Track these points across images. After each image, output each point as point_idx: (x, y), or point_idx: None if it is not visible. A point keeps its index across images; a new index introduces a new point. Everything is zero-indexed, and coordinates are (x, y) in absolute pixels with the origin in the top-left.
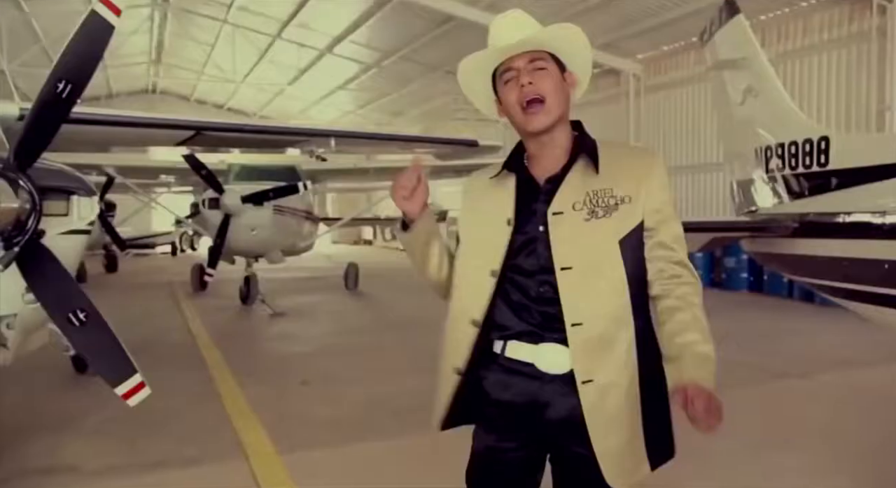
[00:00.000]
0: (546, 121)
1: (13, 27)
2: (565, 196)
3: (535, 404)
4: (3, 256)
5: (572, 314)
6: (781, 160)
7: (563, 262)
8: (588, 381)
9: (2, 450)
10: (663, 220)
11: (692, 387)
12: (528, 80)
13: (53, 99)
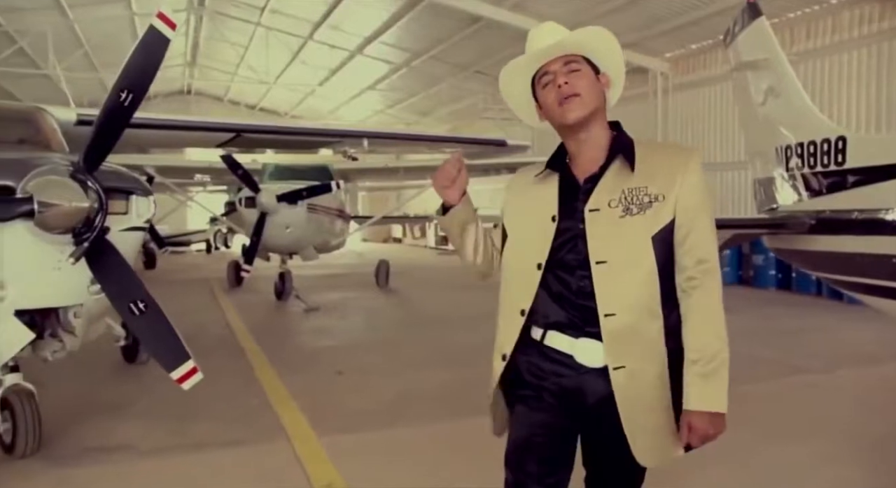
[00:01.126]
0: (581, 112)
1: (58, 33)
2: (602, 194)
3: (568, 392)
4: (75, 251)
5: (606, 305)
6: (801, 159)
7: (598, 257)
8: (619, 367)
9: (64, 430)
10: (694, 218)
11: (693, 420)
12: (565, 80)
13: (117, 107)
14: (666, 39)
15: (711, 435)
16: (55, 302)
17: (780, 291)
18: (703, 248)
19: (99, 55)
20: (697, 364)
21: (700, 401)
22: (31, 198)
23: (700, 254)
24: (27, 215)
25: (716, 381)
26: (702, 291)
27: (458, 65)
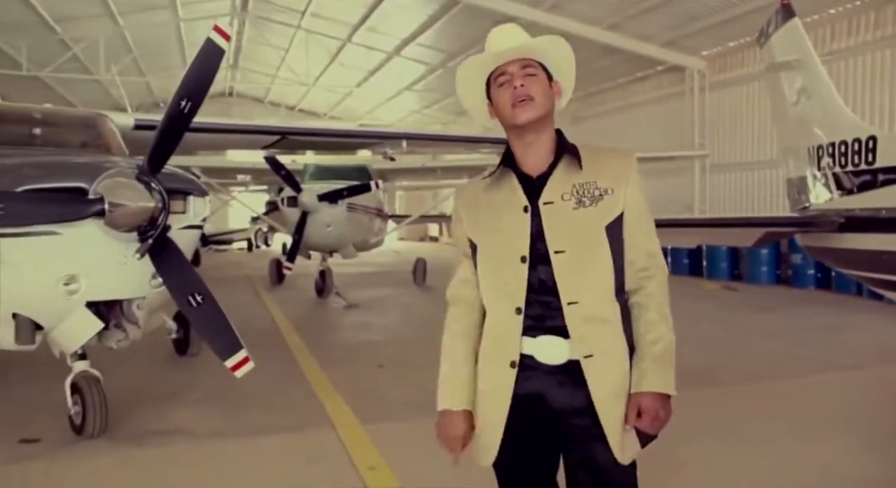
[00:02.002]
0: (533, 114)
1: (109, 40)
2: (554, 188)
3: (537, 393)
4: (140, 247)
5: (568, 294)
6: (832, 158)
7: (556, 247)
8: (589, 356)
9: (126, 414)
10: (638, 215)
11: (645, 401)
12: (521, 82)
13: (178, 114)
14: (702, 37)
15: (662, 419)
16: (121, 294)
17: (819, 290)
18: (651, 243)
19: (146, 60)
20: (652, 349)
21: (653, 384)
22: (102, 198)
23: (649, 248)
24: (98, 214)
25: (667, 365)
26: (654, 283)
27: None
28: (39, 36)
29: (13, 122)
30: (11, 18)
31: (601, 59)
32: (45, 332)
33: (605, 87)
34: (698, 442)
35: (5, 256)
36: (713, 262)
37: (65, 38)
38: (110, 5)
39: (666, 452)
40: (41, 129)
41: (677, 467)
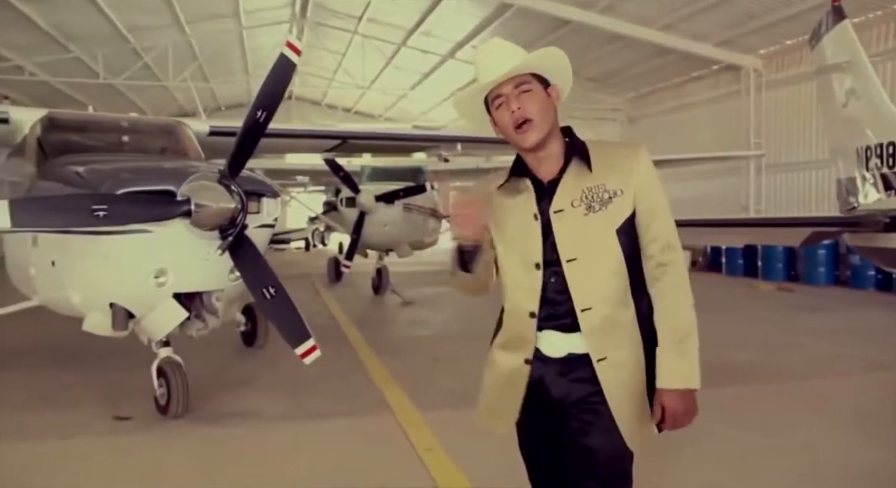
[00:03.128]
0: (536, 137)
1: (177, 48)
2: (564, 195)
3: (540, 384)
4: (221, 244)
5: (581, 300)
6: (880, 159)
7: (568, 254)
8: (602, 359)
9: (204, 398)
10: (653, 207)
11: (667, 400)
12: (517, 105)
13: (254, 123)
14: (759, 36)
15: (682, 413)
16: (203, 287)
17: (878, 292)
18: (667, 234)
19: (210, 66)
20: (672, 342)
21: (675, 378)
22: (188, 200)
23: (665, 240)
24: (185, 214)
25: (689, 358)
26: (671, 275)
27: None
28: (114, 46)
29: (106, 131)
30: (90, 30)
31: (654, 59)
32: (137, 320)
33: (659, 87)
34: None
35: (107, 252)
36: (768, 263)
37: (137, 48)
38: (179, 15)
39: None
40: (128, 137)
41: (704, 457)
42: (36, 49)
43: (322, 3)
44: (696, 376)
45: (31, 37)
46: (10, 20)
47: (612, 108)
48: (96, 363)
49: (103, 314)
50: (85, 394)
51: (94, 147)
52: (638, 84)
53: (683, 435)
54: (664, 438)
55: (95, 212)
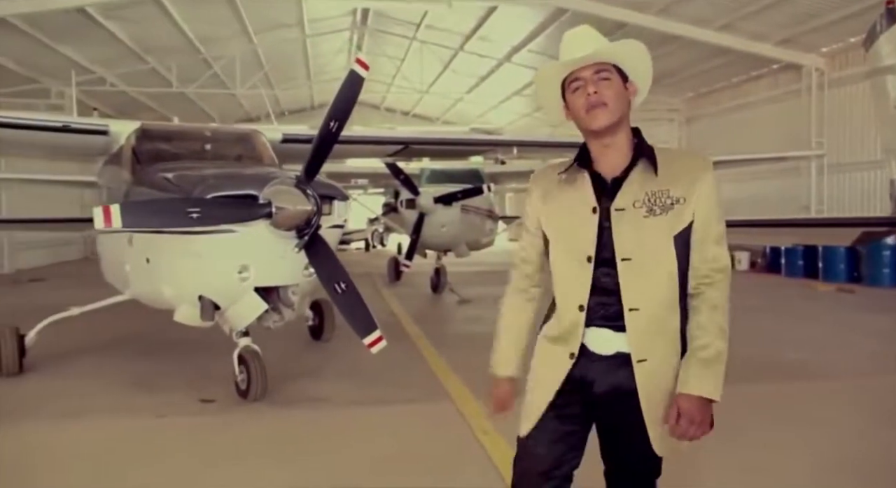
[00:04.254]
0: (607, 120)
1: (244, 57)
2: (627, 195)
3: (578, 379)
4: (298, 243)
5: (630, 300)
6: None
7: (623, 254)
8: (642, 361)
9: (278, 385)
10: (709, 224)
11: (685, 404)
12: (594, 89)
13: (328, 133)
14: (821, 34)
15: (698, 420)
16: (281, 281)
17: None
18: (717, 252)
19: (274, 73)
20: (700, 352)
21: (696, 386)
22: (269, 203)
23: (715, 256)
24: (266, 216)
25: (711, 368)
26: (714, 289)
27: None
28: (187, 57)
29: (191, 140)
30: (166, 42)
31: (713, 59)
32: (221, 312)
33: (717, 87)
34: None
35: (198, 250)
36: (829, 264)
37: (207, 58)
38: (247, 26)
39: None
40: (210, 145)
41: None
42: (116, 62)
43: (382, 12)
44: (718, 388)
45: (113, 50)
46: (95, 36)
47: (669, 108)
48: (180, 353)
49: (192, 306)
50: (174, 380)
51: (180, 155)
52: (696, 84)
53: (728, 425)
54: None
55: (190, 214)
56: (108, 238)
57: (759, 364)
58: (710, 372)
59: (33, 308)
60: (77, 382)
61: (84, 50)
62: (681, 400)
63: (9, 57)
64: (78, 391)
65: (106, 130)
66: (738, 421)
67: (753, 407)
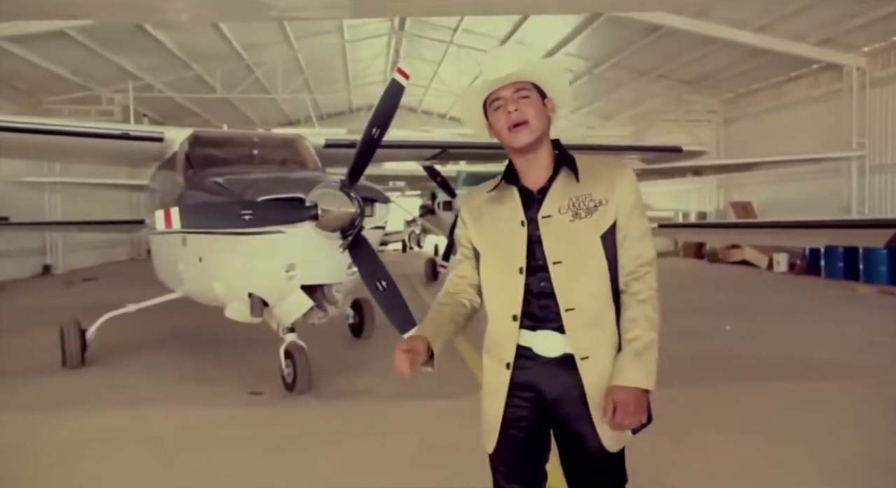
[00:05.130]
0: (529, 138)
1: (285, 62)
2: (552, 202)
3: (529, 383)
4: (342, 243)
5: (566, 301)
6: None
7: (554, 258)
8: (585, 358)
9: (323, 379)
10: (629, 222)
11: (619, 395)
12: (514, 107)
13: (370, 139)
14: (862, 33)
15: (634, 413)
16: (326, 280)
17: None
18: (641, 248)
19: (314, 78)
20: (631, 344)
21: (628, 377)
22: (315, 205)
23: (638, 253)
24: (313, 218)
25: (642, 360)
26: (640, 283)
27: (640, 70)
28: (230, 63)
29: (239, 145)
30: (211, 50)
31: (751, 60)
32: (269, 308)
33: (756, 88)
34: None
35: (249, 249)
36: (871, 266)
37: (250, 64)
38: (288, 33)
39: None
40: (258, 150)
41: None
42: (163, 69)
43: (419, 17)
44: (651, 378)
45: (160, 58)
46: (145, 45)
47: (707, 109)
48: (228, 348)
49: (243, 303)
50: (223, 373)
51: (230, 159)
52: (734, 85)
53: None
54: (740, 415)
55: (242, 215)
56: (162, 239)
57: (791, 363)
58: (640, 362)
59: (88, 306)
60: (134, 375)
61: (134, 58)
62: (614, 391)
63: (65, 66)
64: (135, 383)
65: (161, 137)
66: (766, 415)
67: (782, 403)
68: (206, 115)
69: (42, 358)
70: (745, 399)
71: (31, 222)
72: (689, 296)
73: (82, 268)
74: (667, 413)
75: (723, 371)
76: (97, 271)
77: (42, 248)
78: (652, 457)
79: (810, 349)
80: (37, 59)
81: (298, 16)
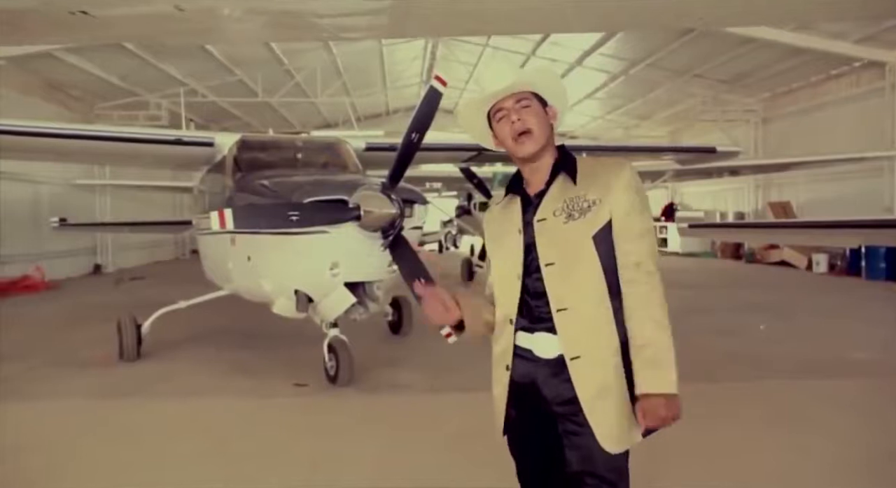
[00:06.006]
0: (533, 147)
1: (324, 67)
2: (547, 206)
3: (533, 384)
4: (384, 243)
5: (557, 301)
6: None
7: (546, 259)
8: (576, 358)
9: (364, 373)
10: (625, 222)
11: (646, 403)
12: (517, 117)
13: (410, 143)
14: None
15: (667, 417)
16: (367, 277)
17: None
18: (640, 247)
19: (352, 81)
20: (644, 351)
21: (650, 384)
22: (358, 207)
23: (637, 252)
24: (355, 219)
25: (661, 366)
26: (641, 285)
27: (676, 71)
28: (271, 68)
29: (284, 149)
30: (253, 56)
31: (790, 59)
32: (314, 305)
33: (795, 87)
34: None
35: (296, 248)
36: None
37: (290, 69)
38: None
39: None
40: (301, 154)
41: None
42: (208, 74)
43: (455, 37)
44: (673, 382)
45: (206, 65)
46: (190, 53)
47: (745, 108)
48: (273, 343)
49: (289, 299)
50: (269, 366)
51: (276, 163)
52: (773, 84)
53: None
54: (768, 411)
55: (290, 216)
56: (211, 239)
57: (822, 362)
58: (659, 369)
59: (137, 303)
60: (186, 367)
61: (181, 65)
62: (642, 401)
63: (114, 73)
64: (187, 375)
65: (212, 142)
66: (794, 411)
67: (811, 400)
68: (247, 118)
69: (99, 351)
70: (774, 395)
71: (87, 223)
72: (725, 297)
73: (130, 267)
74: (694, 407)
75: (753, 368)
76: (144, 270)
77: (93, 248)
78: (677, 449)
79: (843, 348)
80: (90, 67)
81: (344, 36)
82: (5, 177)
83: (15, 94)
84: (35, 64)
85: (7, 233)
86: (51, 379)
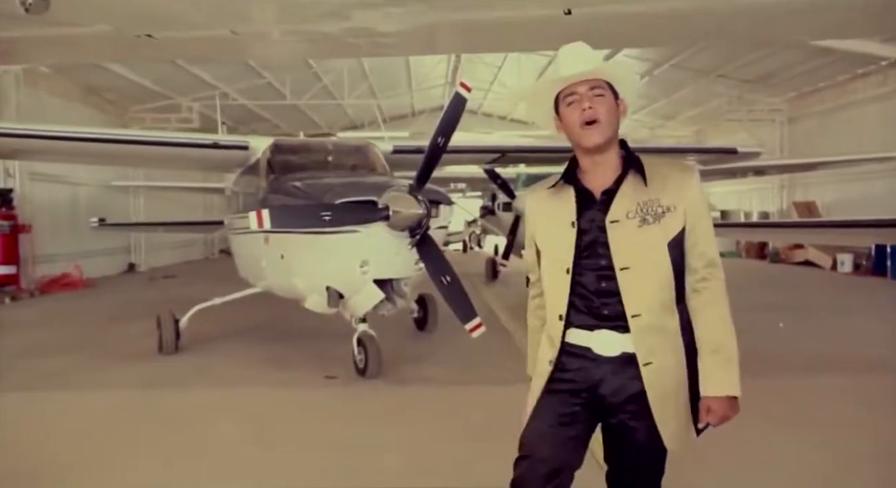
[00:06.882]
0: (600, 138)
1: (351, 69)
2: (620, 206)
3: (587, 382)
4: (411, 241)
5: (632, 307)
6: None
7: (622, 263)
8: (648, 363)
9: (391, 366)
10: (699, 226)
11: (713, 404)
12: (589, 104)
13: (436, 147)
14: None
15: (730, 417)
16: (395, 274)
17: None
18: (710, 252)
19: (378, 84)
20: (715, 354)
21: (719, 387)
22: (387, 207)
23: (708, 257)
24: (384, 219)
25: (731, 369)
26: (712, 289)
27: (700, 71)
28: (299, 71)
29: (315, 152)
30: (281, 59)
31: (815, 58)
32: (344, 301)
33: (821, 86)
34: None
35: (328, 247)
36: None
37: (318, 72)
38: None
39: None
40: (332, 156)
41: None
42: (237, 78)
43: (479, 53)
44: (737, 384)
45: (235, 69)
46: (222, 58)
47: (770, 108)
48: (303, 338)
49: (320, 295)
50: (301, 359)
51: (307, 165)
52: (798, 84)
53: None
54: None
55: (322, 216)
56: (245, 238)
57: (842, 360)
58: (729, 371)
59: (172, 300)
60: (223, 361)
61: (212, 69)
62: (709, 401)
63: (149, 78)
64: (224, 367)
65: (247, 145)
66: (812, 407)
67: (829, 397)
68: (275, 120)
69: (139, 345)
70: (792, 392)
71: (124, 223)
72: (747, 296)
73: (162, 266)
74: None
75: (772, 366)
76: (175, 269)
77: (128, 248)
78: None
79: (863, 347)
80: (127, 72)
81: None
82: (46, 180)
83: (58, 100)
84: (75, 70)
85: (49, 233)
86: (97, 371)
